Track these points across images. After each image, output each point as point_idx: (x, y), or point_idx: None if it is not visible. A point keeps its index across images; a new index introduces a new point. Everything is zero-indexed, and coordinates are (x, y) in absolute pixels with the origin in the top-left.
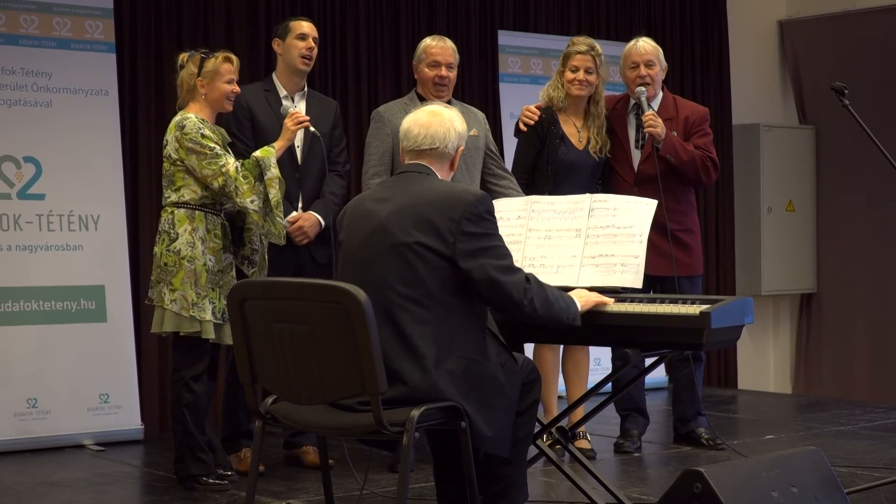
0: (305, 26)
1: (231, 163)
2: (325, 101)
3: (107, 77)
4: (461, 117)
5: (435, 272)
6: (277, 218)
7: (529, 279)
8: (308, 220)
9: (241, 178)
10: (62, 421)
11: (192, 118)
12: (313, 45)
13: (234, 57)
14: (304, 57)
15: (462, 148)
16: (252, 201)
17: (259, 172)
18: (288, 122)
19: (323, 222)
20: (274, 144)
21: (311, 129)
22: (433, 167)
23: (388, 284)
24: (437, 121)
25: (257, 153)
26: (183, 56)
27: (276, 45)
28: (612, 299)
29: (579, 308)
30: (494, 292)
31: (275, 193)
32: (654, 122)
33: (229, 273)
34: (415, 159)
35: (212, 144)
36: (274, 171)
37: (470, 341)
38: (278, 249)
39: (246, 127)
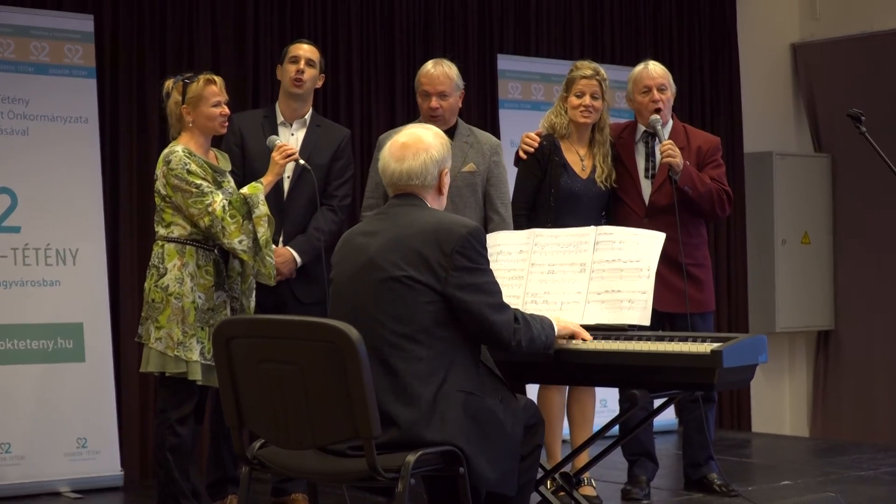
0: (300, 48)
1: (218, 201)
2: (332, 129)
3: (87, 104)
4: (439, 138)
5: (427, 307)
6: (267, 257)
7: (518, 318)
8: (281, 255)
9: (229, 218)
10: (37, 467)
11: (179, 152)
12: (304, 67)
13: (217, 78)
14: (293, 80)
15: (447, 169)
16: (241, 241)
17: (247, 210)
18: (275, 156)
19: (299, 259)
20: (262, 180)
21: (301, 161)
22: (421, 195)
23: (379, 321)
24: (410, 153)
25: (244, 190)
26: (168, 83)
27: (278, 71)
28: (590, 336)
29: (556, 332)
30: (484, 330)
31: (263, 232)
32: (673, 152)
33: (222, 311)
34: (399, 192)
35: (198, 181)
36: (262, 209)
37: (466, 376)
38: (258, 288)
39: (236, 154)
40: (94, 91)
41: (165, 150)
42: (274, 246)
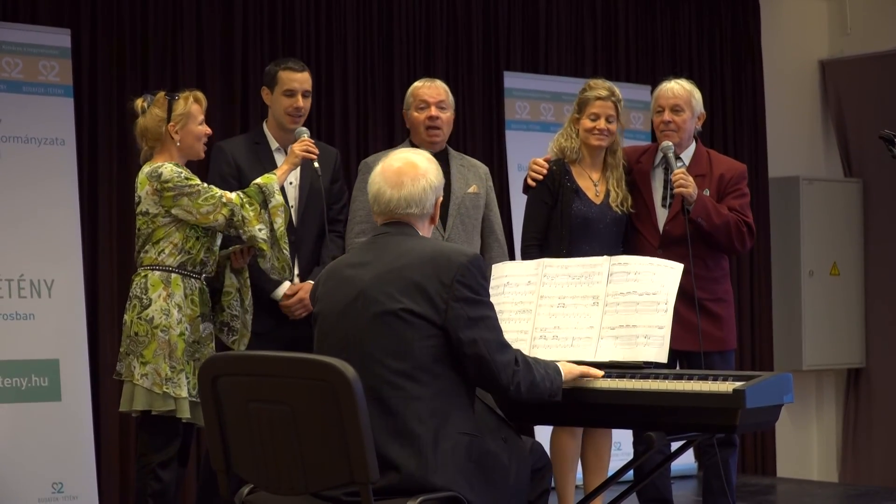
0: (295, 80)
1: (229, 191)
2: (324, 151)
3: (63, 124)
4: (434, 164)
5: (425, 341)
6: (284, 250)
7: (518, 360)
8: (308, 290)
9: (247, 205)
10: None
11: (168, 164)
12: (302, 102)
13: (202, 96)
14: (290, 115)
15: (441, 198)
16: (260, 229)
17: (263, 199)
18: (296, 147)
19: None
20: (275, 171)
21: (316, 164)
22: (414, 224)
23: (374, 358)
24: (409, 179)
25: (258, 180)
26: (140, 102)
27: (265, 94)
28: (601, 373)
29: (563, 379)
30: (483, 371)
31: (280, 223)
32: (686, 182)
33: (209, 344)
34: (390, 220)
35: (198, 181)
36: (279, 198)
37: (469, 416)
38: (275, 322)
39: (234, 186)
40: (72, 110)
41: (147, 169)
42: (290, 283)
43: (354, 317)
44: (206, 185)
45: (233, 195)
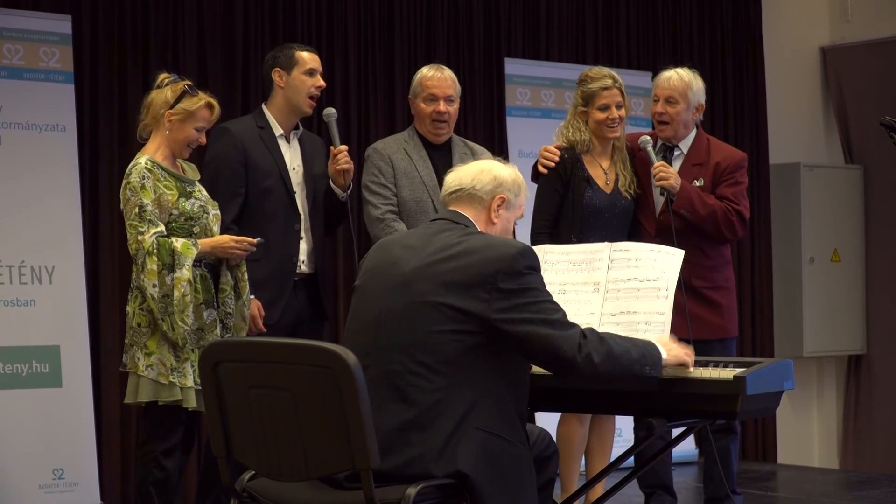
0: (314, 60)
1: (150, 234)
2: (313, 137)
3: (64, 111)
4: (513, 169)
5: (458, 335)
6: (178, 322)
7: (586, 334)
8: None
9: (154, 256)
10: (10, 499)
11: (141, 164)
12: (322, 82)
13: (217, 105)
14: (312, 97)
15: (504, 197)
16: (154, 285)
17: (170, 263)
18: (331, 166)
19: None
20: (201, 242)
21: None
22: (470, 216)
23: (401, 347)
24: (474, 167)
25: (178, 245)
26: (164, 77)
27: (277, 75)
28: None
29: (664, 356)
30: (542, 347)
31: (178, 296)
32: (666, 175)
33: (213, 332)
34: (448, 204)
35: (146, 201)
36: (184, 273)
37: (493, 415)
38: (281, 311)
39: (240, 174)
40: (72, 97)
41: (131, 163)
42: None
43: (391, 300)
44: (147, 210)
45: (149, 241)
